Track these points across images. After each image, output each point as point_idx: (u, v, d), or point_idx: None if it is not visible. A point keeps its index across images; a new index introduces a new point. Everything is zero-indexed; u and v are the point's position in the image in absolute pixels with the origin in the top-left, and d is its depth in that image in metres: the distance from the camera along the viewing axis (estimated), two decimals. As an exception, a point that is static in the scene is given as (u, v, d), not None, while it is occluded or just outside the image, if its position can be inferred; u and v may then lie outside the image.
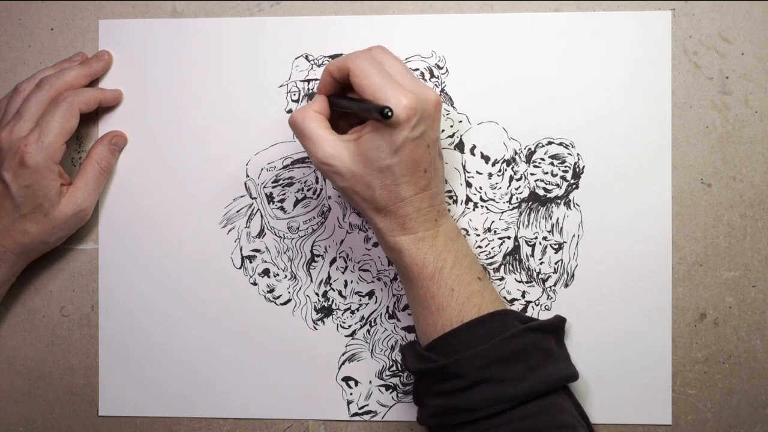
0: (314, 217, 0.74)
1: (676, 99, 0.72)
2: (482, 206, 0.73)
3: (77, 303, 0.75)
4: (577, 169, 0.72)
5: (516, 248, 0.73)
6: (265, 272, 0.74)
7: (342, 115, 0.68)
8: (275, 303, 0.74)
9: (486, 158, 0.72)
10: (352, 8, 0.73)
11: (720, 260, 0.72)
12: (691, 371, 0.72)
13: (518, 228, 0.73)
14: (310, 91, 0.73)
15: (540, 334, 0.66)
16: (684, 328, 0.72)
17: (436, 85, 0.72)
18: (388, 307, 0.74)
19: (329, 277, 0.74)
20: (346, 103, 0.65)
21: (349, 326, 0.74)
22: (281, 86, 0.73)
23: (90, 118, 0.73)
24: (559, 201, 0.72)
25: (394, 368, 0.74)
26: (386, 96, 0.62)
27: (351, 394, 0.74)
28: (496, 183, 0.73)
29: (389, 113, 0.60)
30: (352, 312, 0.74)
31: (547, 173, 0.72)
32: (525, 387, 0.63)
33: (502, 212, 0.73)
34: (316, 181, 0.73)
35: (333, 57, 0.73)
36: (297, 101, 0.73)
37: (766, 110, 0.71)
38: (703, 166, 0.72)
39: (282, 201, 0.74)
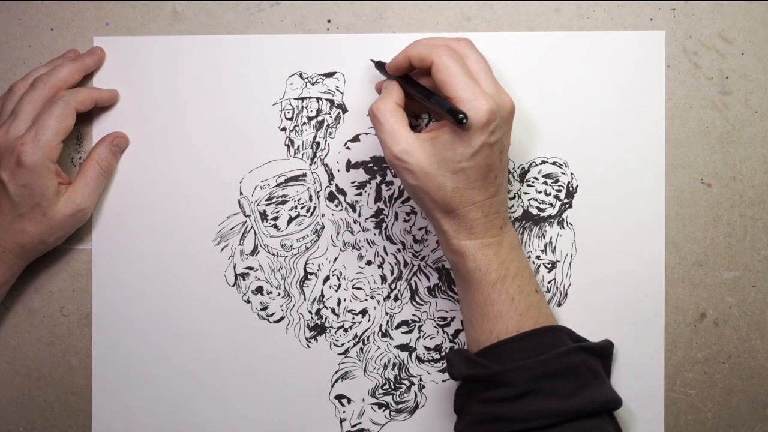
0: (308, 235, 0.73)
1: (676, 99, 0.71)
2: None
3: (77, 303, 0.75)
4: (571, 189, 0.72)
5: (511, 262, 0.72)
6: (259, 290, 0.73)
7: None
8: (268, 321, 0.73)
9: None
10: (352, 8, 0.73)
11: (720, 260, 0.71)
12: (690, 371, 0.71)
13: (513, 242, 0.72)
14: (379, 64, 0.69)
15: (591, 355, 0.65)
16: (684, 329, 0.71)
17: None
18: (381, 325, 0.73)
19: (322, 295, 0.73)
20: (421, 94, 0.64)
21: (342, 344, 0.73)
22: (275, 104, 0.73)
23: (85, 121, 0.73)
24: (552, 220, 0.72)
25: (387, 386, 0.73)
26: (467, 97, 0.61)
27: (344, 412, 0.73)
28: (491, 199, 0.72)
29: (464, 120, 0.59)
30: (345, 330, 0.73)
31: (540, 192, 0.72)
32: (574, 404, 0.62)
33: (499, 222, 0.72)
34: (310, 199, 0.73)
35: (327, 75, 0.72)
36: (291, 119, 0.73)
37: (766, 110, 0.71)
38: (703, 166, 0.71)
39: (275, 219, 0.73)
